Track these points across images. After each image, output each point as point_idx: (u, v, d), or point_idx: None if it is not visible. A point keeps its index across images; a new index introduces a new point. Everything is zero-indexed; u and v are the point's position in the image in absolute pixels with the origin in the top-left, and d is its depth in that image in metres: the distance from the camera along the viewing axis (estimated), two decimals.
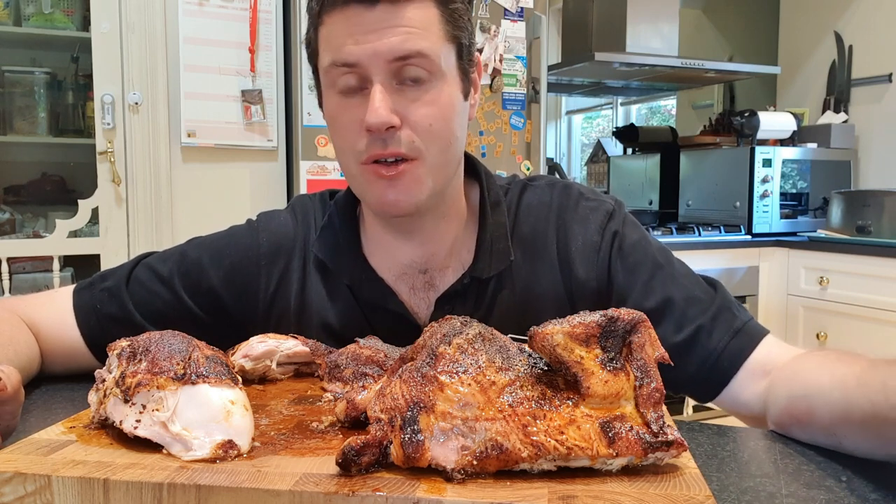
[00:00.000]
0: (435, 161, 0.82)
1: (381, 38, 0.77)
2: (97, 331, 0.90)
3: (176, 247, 0.97)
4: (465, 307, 0.89)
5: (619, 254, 0.90)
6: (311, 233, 0.95)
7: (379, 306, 0.91)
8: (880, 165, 3.29)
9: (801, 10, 3.64)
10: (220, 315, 0.93)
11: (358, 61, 0.77)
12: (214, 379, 0.59)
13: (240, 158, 2.42)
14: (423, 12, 0.78)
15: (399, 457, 0.53)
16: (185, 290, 0.92)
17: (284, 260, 0.94)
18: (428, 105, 0.80)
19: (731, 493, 0.58)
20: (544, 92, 2.64)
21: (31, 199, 2.64)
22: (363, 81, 0.79)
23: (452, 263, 0.92)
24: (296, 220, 0.97)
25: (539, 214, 0.93)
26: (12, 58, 2.53)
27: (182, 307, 0.92)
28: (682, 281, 0.88)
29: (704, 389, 0.85)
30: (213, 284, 0.92)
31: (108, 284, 0.93)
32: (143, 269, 0.94)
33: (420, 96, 0.79)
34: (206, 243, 0.96)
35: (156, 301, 0.92)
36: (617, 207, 0.93)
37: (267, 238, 0.95)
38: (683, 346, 0.83)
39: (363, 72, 0.78)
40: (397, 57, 0.77)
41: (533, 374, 0.56)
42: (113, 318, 0.91)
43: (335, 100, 0.81)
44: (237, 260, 0.93)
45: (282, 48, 2.42)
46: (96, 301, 0.92)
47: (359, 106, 0.79)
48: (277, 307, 0.93)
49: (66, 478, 0.51)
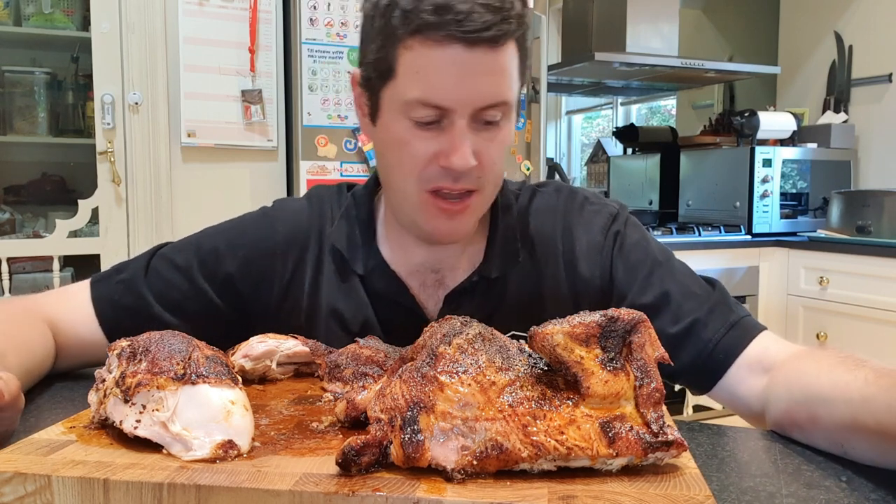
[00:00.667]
0: (490, 192, 0.87)
1: (477, 86, 0.77)
2: (114, 323, 0.91)
3: (190, 236, 0.98)
4: (472, 304, 0.92)
5: (619, 252, 0.93)
6: (327, 223, 0.96)
7: (389, 299, 0.92)
8: (880, 165, 3.29)
9: (801, 10, 3.64)
10: (237, 303, 0.94)
11: (450, 105, 0.77)
12: (214, 379, 0.59)
13: (240, 158, 2.42)
14: (510, 56, 0.79)
15: (399, 457, 0.53)
16: (203, 279, 0.93)
17: (299, 249, 0.95)
18: (497, 145, 0.82)
19: (731, 493, 0.58)
20: (544, 92, 2.64)
21: (31, 199, 2.63)
22: (442, 116, 0.79)
23: (463, 264, 0.94)
24: (312, 209, 0.98)
25: (546, 218, 0.97)
26: (12, 58, 2.53)
27: (200, 296, 0.93)
28: (680, 278, 0.91)
29: (700, 380, 0.87)
30: (230, 272, 0.93)
31: (125, 276, 0.94)
32: (160, 260, 0.95)
33: (493, 137, 0.81)
34: (220, 231, 0.97)
35: (173, 291, 0.93)
36: (620, 210, 0.97)
37: (283, 226, 0.96)
38: (679, 337, 0.86)
39: (448, 111, 0.78)
40: (487, 105, 0.78)
41: (533, 374, 0.56)
42: (130, 310, 0.92)
43: (405, 125, 0.80)
44: (253, 248, 0.95)
45: (282, 48, 2.42)
46: (114, 293, 0.93)
47: (433, 139, 0.79)
48: (291, 296, 0.95)
49: (66, 478, 0.51)
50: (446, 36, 0.74)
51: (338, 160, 2.43)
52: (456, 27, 0.73)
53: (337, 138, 2.41)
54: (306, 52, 2.36)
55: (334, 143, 2.41)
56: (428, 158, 0.80)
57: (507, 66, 0.79)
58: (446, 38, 0.74)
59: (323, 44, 2.38)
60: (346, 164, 2.43)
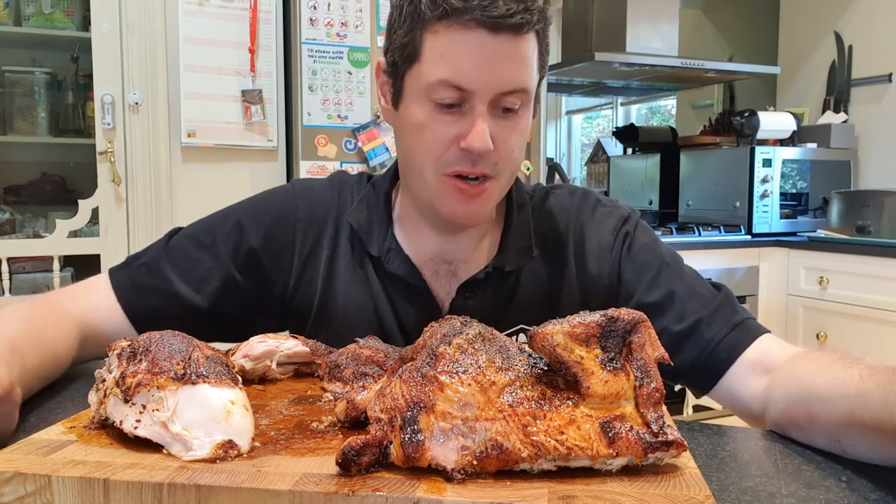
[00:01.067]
0: (506, 180, 0.89)
1: (499, 70, 0.80)
2: (139, 306, 0.93)
3: (211, 215, 1.00)
4: (485, 296, 0.94)
5: (628, 253, 0.95)
6: (347, 207, 0.99)
7: (403, 281, 0.94)
8: (880, 165, 3.29)
9: (801, 10, 3.64)
10: (258, 278, 0.96)
11: (472, 88, 0.80)
12: (214, 379, 0.59)
13: (240, 158, 2.42)
14: (531, 46, 0.82)
15: (399, 457, 0.53)
16: (228, 254, 0.95)
17: (318, 228, 0.98)
18: (516, 133, 0.85)
19: (731, 493, 0.58)
20: (544, 92, 2.64)
21: (31, 199, 2.63)
22: (463, 99, 0.81)
23: (477, 258, 0.96)
24: (333, 192, 1.00)
25: (559, 217, 0.99)
26: (12, 58, 2.53)
27: (224, 272, 0.94)
28: (687, 279, 0.92)
29: (701, 380, 0.88)
30: (253, 245, 0.96)
31: (145, 259, 0.96)
32: (181, 239, 0.97)
33: (512, 125, 0.84)
34: (243, 206, 1.00)
35: (198, 267, 0.94)
36: (631, 214, 1.00)
37: (305, 204, 0.98)
38: (682, 335, 0.87)
39: (469, 94, 0.80)
40: (508, 91, 0.81)
41: (533, 374, 0.56)
42: (154, 290, 0.93)
43: (427, 108, 0.83)
44: (275, 221, 0.97)
45: (282, 48, 2.42)
46: (134, 276, 0.94)
47: (453, 122, 0.82)
48: (308, 273, 0.97)
49: (66, 478, 0.51)
50: (471, 20, 0.78)
51: (338, 160, 2.43)
52: (481, 12, 0.77)
53: (337, 138, 2.42)
54: (306, 52, 2.36)
55: (334, 143, 2.42)
56: (448, 141, 0.82)
57: (528, 55, 0.82)
58: (471, 23, 0.78)
59: (323, 44, 2.38)
60: (346, 164, 2.43)
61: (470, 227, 0.93)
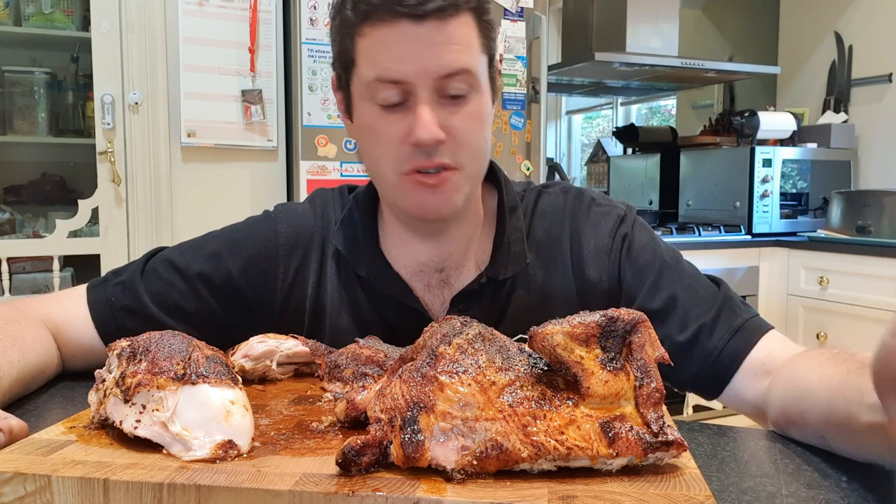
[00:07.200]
0: (471, 170, 0.86)
1: (429, 56, 0.78)
2: (112, 325, 0.91)
3: (192, 240, 0.98)
4: (480, 306, 0.91)
5: (628, 256, 0.93)
6: (331, 226, 0.96)
7: (394, 300, 0.92)
8: (880, 165, 3.29)
9: (801, 10, 3.64)
10: (237, 306, 0.94)
11: (406, 79, 0.79)
12: (214, 379, 0.59)
13: (240, 158, 2.42)
14: (465, 27, 0.80)
15: (399, 457, 0.53)
16: (202, 281, 0.93)
17: (302, 251, 0.95)
18: (469, 119, 0.82)
19: (731, 493, 0.58)
20: (544, 92, 2.64)
21: (31, 199, 2.63)
22: (405, 95, 0.80)
23: (468, 264, 0.94)
24: (315, 212, 0.98)
25: (553, 219, 0.96)
26: (12, 58, 2.52)
27: (198, 299, 0.92)
28: (688, 280, 0.91)
29: (707, 388, 0.87)
30: (232, 274, 0.93)
31: (122, 278, 0.94)
32: (158, 262, 0.95)
33: (462, 110, 0.82)
34: (223, 234, 0.97)
35: (172, 292, 0.92)
36: (628, 212, 0.97)
37: (285, 229, 0.96)
38: (686, 345, 0.86)
39: (408, 87, 0.79)
40: (445, 74, 0.79)
41: (533, 374, 0.56)
42: (127, 311, 0.92)
43: (374, 111, 0.82)
44: (255, 250, 0.94)
45: (282, 48, 2.42)
46: (110, 295, 0.93)
47: (400, 120, 0.81)
48: (294, 299, 0.95)
49: (66, 478, 0.51)
50: (392, 14, 0.77)
51: (338, 160, 2.43)
52: (399, 5, 0.77)
53: (337, 138, 2.41)
54: (306, 52, 2.36)
55: (334, 143, 2.41)
56: (399, 139, 0.81)
57: (463, 36, 0.80)
58: (393, 17, 0.77)
59: (323, 44, 2.38)
60: (346, 164, 2.43)
61: (442, 222, 0.89)
